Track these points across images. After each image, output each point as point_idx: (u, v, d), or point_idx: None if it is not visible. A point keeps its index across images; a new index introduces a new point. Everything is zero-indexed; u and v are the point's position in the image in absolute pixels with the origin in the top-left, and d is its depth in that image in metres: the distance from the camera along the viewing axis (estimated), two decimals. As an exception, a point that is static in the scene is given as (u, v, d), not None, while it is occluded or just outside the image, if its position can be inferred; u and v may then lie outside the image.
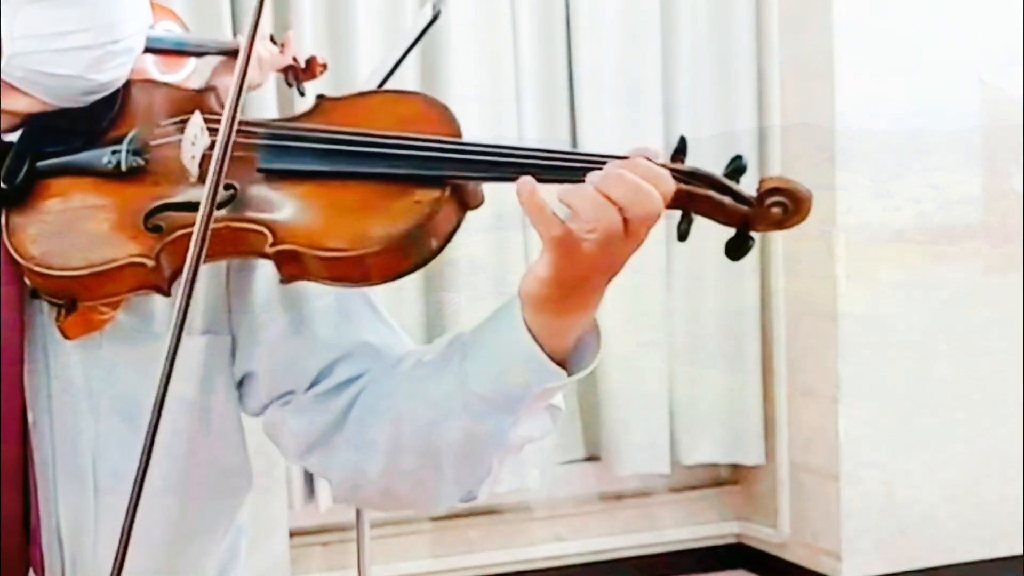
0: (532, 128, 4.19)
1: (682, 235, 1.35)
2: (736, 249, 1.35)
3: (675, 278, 4.32)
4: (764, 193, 1.34)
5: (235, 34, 3.67)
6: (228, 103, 1.36)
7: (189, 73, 3.10)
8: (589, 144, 4.19)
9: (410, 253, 1.37)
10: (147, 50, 2.85)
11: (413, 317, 3.96)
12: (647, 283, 4.21)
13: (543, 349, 1.38)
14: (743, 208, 1.34)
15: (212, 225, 1.37)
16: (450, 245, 1.41)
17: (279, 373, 1.53)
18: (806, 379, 4.31)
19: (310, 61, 3.29)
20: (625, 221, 1.31)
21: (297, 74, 3.27)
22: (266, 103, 3.76)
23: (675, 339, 4.35)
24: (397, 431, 1.47)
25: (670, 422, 4.37)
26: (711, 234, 1.39)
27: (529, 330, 1.38)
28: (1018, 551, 4.27)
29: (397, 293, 3.88)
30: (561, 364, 1.40)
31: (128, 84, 1.54)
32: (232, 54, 3.12)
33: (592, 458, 4.44)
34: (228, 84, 3.31)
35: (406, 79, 3.99)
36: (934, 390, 4.24)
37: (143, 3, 1.54)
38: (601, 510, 4.48)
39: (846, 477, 4.20)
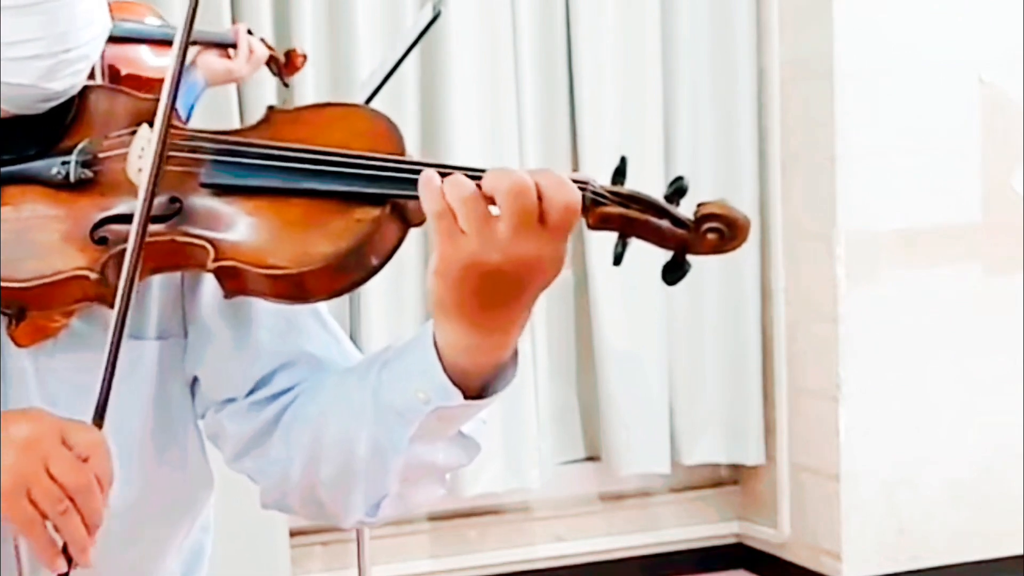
0: (532, 128, 4.19)
1: (617, 259, 1.31)
2: (672, 273, 1.31)
3: (675, 278, 4.31)
4: (701, 218, 1.29)
5: (233, 22, 3.67)
6: (158, 118, 1.36)
7: None
8: (589, 145, 4.20)
9: (350, 271, 1.37)
10: (138, 40, 2.89)
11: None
12: (647, 283, 4.21)
13: (446, 367, 1.35)
14: (680, 232, 1.30)
15: (158, 238, 1.37)
16: None
17: (221, 379, 1.52)
18: (806, 379, 4.31)
19: (289, 54, 3.28)
20: (542, 206, 1.27)
21: (280, 67, 3.27)
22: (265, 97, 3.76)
23: (675, 339, 4.35)
24: (317, 437, 1.46)
25: (670, 422, 4.37)
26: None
27: (436, 345, 1.35)
28: (1018, 551, 4.26)
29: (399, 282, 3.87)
30: (480, 390, 1.36)
31: (87, 91, 1.52)
32: (216, 45, 3.14)
33: (592, 458, 4.44)
34: (210, 63, 3.33)
35: (406, 79, 3.99)
36: (934, 390, 4.23)
37: (100, 10, 1.52)
38: (601, 510, 4.48)
39: (846, 477, 4.19)
